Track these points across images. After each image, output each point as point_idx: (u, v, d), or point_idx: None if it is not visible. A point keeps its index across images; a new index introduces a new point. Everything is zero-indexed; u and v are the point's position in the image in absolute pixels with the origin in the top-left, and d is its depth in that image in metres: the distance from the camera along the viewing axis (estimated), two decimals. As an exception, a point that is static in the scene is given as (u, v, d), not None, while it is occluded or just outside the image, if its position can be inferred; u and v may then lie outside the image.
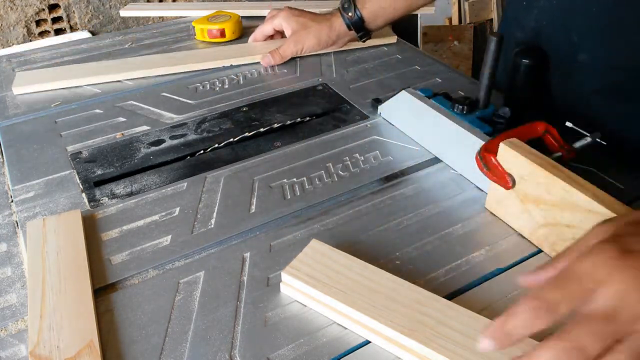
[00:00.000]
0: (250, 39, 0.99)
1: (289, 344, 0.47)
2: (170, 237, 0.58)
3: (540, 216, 0.54)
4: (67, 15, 1.83)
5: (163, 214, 0.61)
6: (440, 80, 0.88)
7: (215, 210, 0.62)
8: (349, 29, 0.89)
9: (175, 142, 0.75)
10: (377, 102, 0.79)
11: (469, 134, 0.63)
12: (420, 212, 0.61)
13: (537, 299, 0.33)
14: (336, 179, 0.66)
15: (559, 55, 0.76)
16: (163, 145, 0.74)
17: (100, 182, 0.67)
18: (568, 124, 0.64)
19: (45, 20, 1.81)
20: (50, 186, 0.66)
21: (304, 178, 0.66)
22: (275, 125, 0.77)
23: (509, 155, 0.55)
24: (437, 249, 0.56)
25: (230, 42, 1.03)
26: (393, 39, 1.01)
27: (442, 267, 0.54)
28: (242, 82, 0.90)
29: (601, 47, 0.71)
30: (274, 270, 0.54)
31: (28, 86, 0.87)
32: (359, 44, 0.98)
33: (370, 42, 0.99)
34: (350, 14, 0.87)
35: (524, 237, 0.57)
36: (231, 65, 0.94)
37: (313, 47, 0.91)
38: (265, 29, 0.95)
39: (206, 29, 1.02)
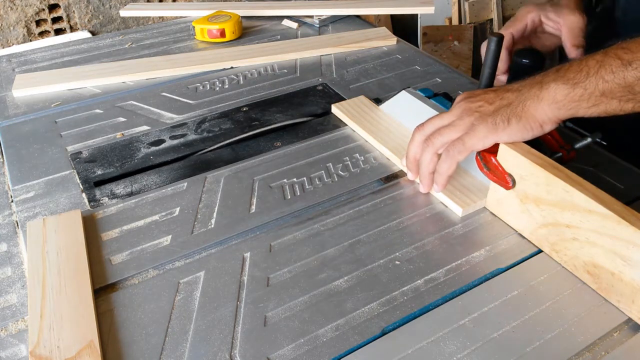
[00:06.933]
0: None
1: (289, 344, 0.47)
2: (170, 237, 0.58)
3: (540, 216, 0.54)
4: (67, 15, 1.83)
5: (163, 214, 0.61)
6: (440, 80, 0.88)
7: (215, 210, 0.61)
8: None
9: (175, 142, 0.75)
10: (377, 102, 0.80)
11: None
12: (420, 212, 0.61)
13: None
14: (336, 179, 0.66)
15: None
16: (163, 145, 0.74)
17: (100, 182, 0.67)
18: (568, 123, 0.64)
19: (45, 20, 1.81)
20: (50, 186, 0.66)
21: (304, 178, 0.66)
22: (275, 125, 0.77)
23: (509, 155, 0.55)
24: (437, 249, 0.56)
25: (230, 42, 1.03)
26: (393, 40, 1.01)
27: (442, 267, 0.54)
28: (242, 82, 0.90)
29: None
30: (274, 270, 0.54)
31: (28, 89, 0.87)
32: (358, 45, 0.98)
33: (370, 43, 0.99)
34: None
35: (524, 237, 0.57)
36: (231, 67, 0.94)
37: None
38: None
39: (206, 29, 1.02)
